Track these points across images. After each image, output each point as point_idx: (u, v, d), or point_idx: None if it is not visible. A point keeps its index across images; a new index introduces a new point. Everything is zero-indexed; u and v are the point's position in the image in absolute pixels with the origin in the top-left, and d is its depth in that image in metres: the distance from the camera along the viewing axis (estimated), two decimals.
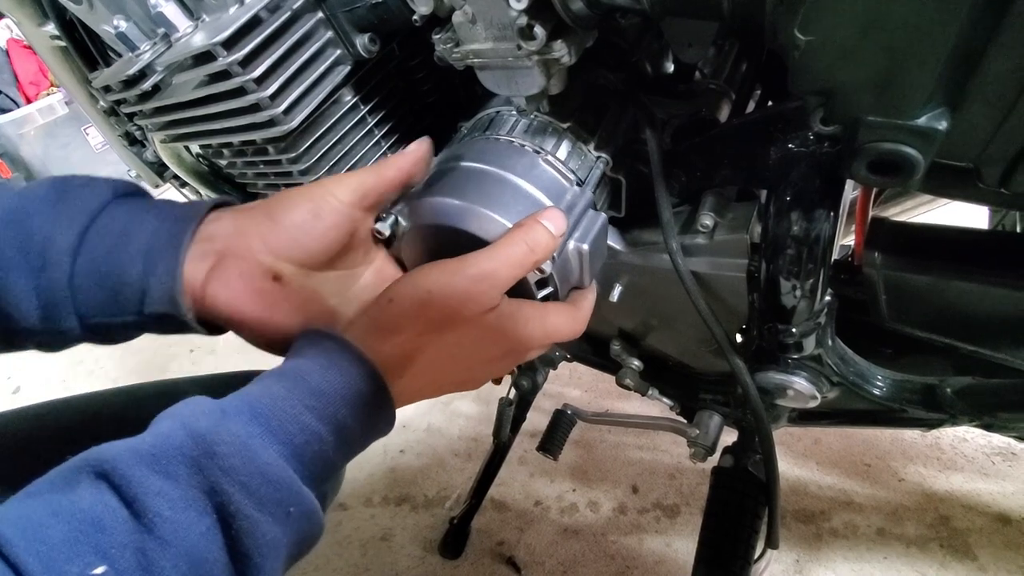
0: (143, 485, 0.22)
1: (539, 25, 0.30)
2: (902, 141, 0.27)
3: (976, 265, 0.36)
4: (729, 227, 0.40)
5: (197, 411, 0.25)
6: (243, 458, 0.24)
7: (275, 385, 0.27)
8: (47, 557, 0.20)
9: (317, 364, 0.28)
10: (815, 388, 0.42)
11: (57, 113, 1.78)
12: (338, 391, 0.28)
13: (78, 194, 0.32)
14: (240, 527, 0.23)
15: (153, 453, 0.23)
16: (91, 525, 0.21)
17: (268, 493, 0.24)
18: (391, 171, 0.36)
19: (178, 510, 0.22)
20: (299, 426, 0.26)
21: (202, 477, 0.23)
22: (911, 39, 0.24)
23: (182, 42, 0.36)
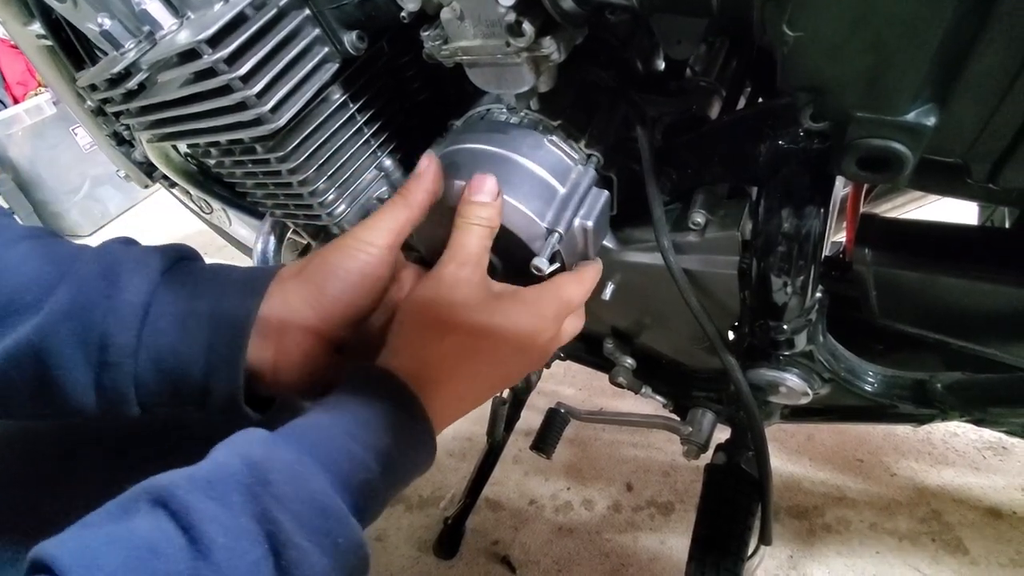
0: (199, 511, 0.23)
1: (528, 22, 0.30)
2: (891, 137, 0.27)
3: (966, 261, 0.36)
4: (720, 224, 0.40)
5: (252, 439, 0.26)
6: (295, 486, 0.24)
7: (321, 416, 0.28)
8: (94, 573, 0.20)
9: (357, 393, 0.29)
10: (807, 385, 0.42)
11: (45, 113, 1.76)
12: (378, 417, 0.28)
13: (129, 281, 0.32)
14: (290, 557, 0.23)
15: (209, 480, 0.24)
16: (148, 551, 0.22)
17: (318, 523, 0.24)
18: (419, 196, 0.37)
19: (232, 537, 0.23)
20: (346, 454, 0.27)
21: (255, 505, 0.24)
22: (899, 35, 0.24)
23: (167, 40, 0.36)
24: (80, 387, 0.31)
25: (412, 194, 0.37)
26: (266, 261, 0.59)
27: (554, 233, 0.36)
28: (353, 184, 0.46)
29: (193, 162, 0.74)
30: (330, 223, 0.48)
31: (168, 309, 0.32)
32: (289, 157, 0.41)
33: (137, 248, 0.35)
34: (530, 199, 0.37)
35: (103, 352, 0.31)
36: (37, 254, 0.33)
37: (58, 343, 0.31)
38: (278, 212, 0.51)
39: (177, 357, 0.32)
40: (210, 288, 0.34)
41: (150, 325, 0.32)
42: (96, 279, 0.32)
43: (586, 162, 0.40)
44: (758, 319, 0.41)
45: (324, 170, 0.44)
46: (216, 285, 0.34)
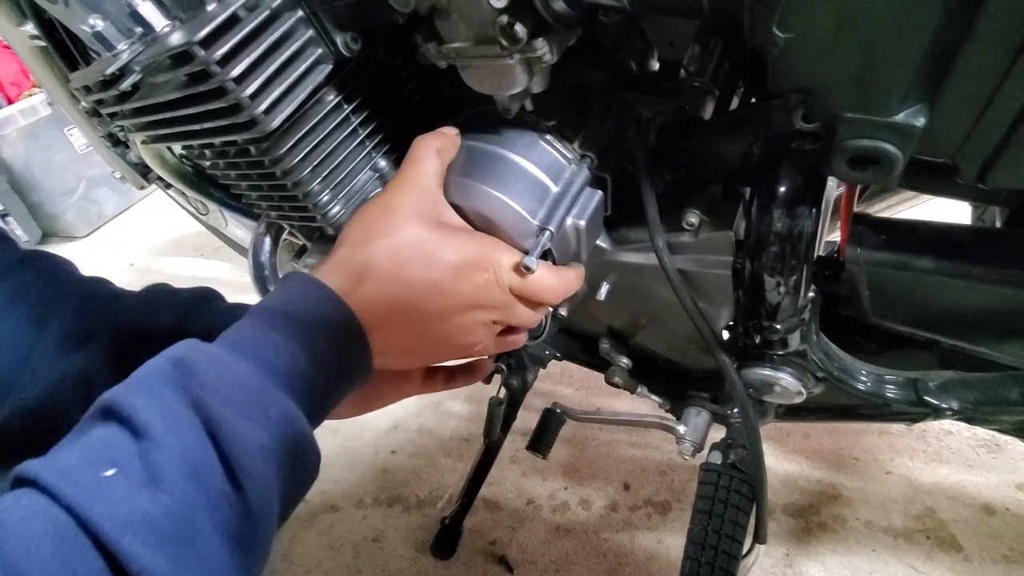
0: (135, 407, 0.25)
1: (520, 23, 0.30)
2: (881, 137, 0.28)
3: (957, 260, 0.36)
4: (714, 225, 0.40)
5: (179, 345, 0.28)
6: (218, 372, 0.27)
7: (243, 320, 0.31)
8: (62, 471, 0.23)
9: (276, 294, 0.32)
10: (800, 384, 0.42)
11: (39, 114, 1.75)
12: (298, 309, 0.31)
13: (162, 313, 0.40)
14: (224, 432, 0.25)
15: (140, 380, 0.26)
16: (101, 445, 0.24)
17: (245, 397, 0.26)
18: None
19: (169, 420, 0.25)
20: (267, 342, 0.29)
21: (185, 394, 0.26)
22: (887, 36, 0.24)
23: (160, 41, 0.35)
24: None
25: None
26: (261, 263, 0.59)
27: (545, 231, 0.37)
28: (348, 185, 0.46)
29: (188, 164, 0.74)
30: (325, 224, 0.47)
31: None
32: (283, 159, 0.41)
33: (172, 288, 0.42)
34: (522, 197, 0.37)
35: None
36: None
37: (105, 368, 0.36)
38: (273, 214, 0.51)
39: None
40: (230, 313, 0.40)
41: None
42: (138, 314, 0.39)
43: (580, 162, 0.40)
44: (752, 319, 0.41)
45: (319, 172, 0.43)
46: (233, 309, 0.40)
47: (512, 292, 0.36)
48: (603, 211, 0.42)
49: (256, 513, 0.25)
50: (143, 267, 1.71)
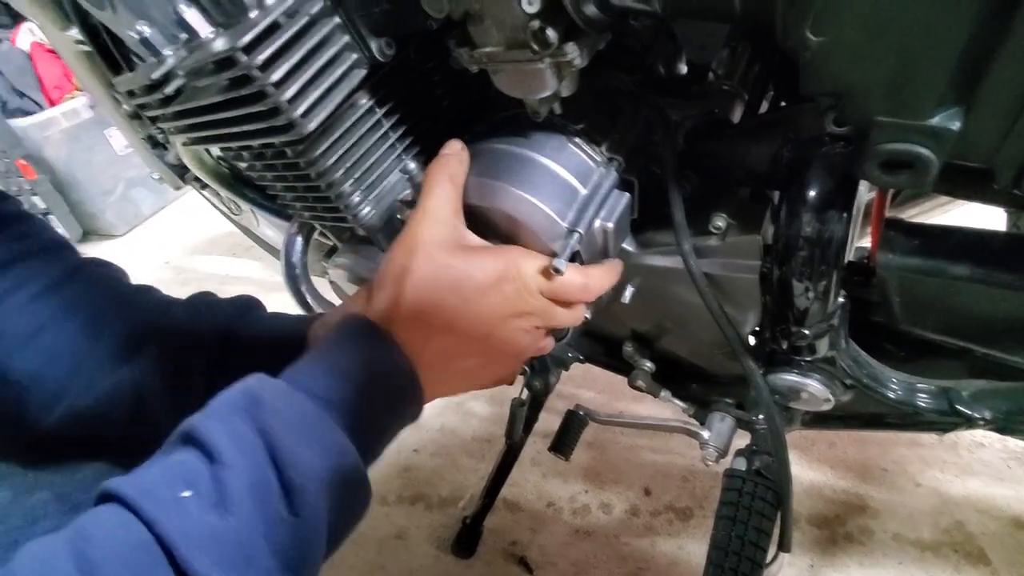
0: (209, 431, 0.27)
1: (551, 28, 0.30)
2: (915, 141, 0.27)
3: (991, 268, 0.36)
4: (742, 228, 0.40)
5: (249, 378, 0.31)
6: (284, 401, 0.29)
7: (303, 360, 0.33)
8: (144, 489, 0.25)
9: (337, 340, 0.34)
10: (828, 391, 0.42)
11: (81, 117, 1.83)
12: (352, 353, 0.33)
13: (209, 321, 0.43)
14: (284, 457, 0.27)
15: (214, 409, 0.29)
16: (179, 467, 0.27)
17: (304, 427, 0.29)
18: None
19: (237, 443, 0.27)
20: (325, 382, 0.31)
21: (252, 420, 0.28)
22: (922, 39, 0.24)
23: (204, 48, 0.37)
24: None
25: None
26: (293, 262, 0.61)
27: (574, 233, 0.37)
28: (378, 186, 0.47)
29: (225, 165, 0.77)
30: (355, 224, 0.49)
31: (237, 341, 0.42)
32: (318, 161, 0.42)
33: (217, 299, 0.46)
34: (552, 199, 0.38)
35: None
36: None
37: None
38: (306, 214, 0.52)
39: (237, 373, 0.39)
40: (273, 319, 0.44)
41: (220, 356, 0.41)
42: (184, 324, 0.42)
43: (608, 165, 0.41)
44: (779, 324, 0.41)
45: (351, 173, 0.45)
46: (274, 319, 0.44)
47: (544, 295, 0.37)
48: (630, 214, 0.43)
49: (307, 537, 0.27)
50: (178, 265, 1.76)
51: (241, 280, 1.60)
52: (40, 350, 0.39)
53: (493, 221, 0.40)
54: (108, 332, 0.40)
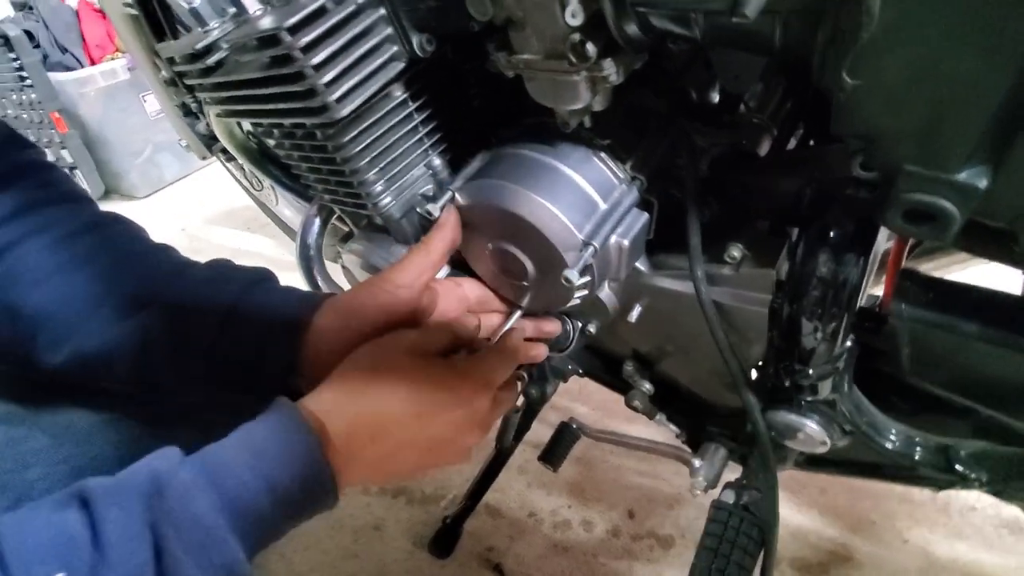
0: (103, 514, 0.27)
1: (591, 43, 0.31)
2: (940, 194, 0.27)
3: (1005, 329, 0.35)
4: (757, 261, 0.40)
5: (165, 455, 0.30)
6: (182, 503, 0.28)
7: (229, 440, 0.32)
8: (25, 556, 0.25)
9: (266, 426, 0.33)
10: (826, 433, 0.41)
11: (119, 78, 1.86)
12: (277, 453, 0.31)
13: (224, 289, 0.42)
14: (168, 564, 0.27)
15: (118, 486, 0.28)
16: (66, 540, 0.26)
17: (195, 538, 0.28)
18: (438, 244, 0.43)
19: (125, 539, 0.26)
20: (237, 481, 0.30)
21: (149, 514, 0.27)
22: (960, 93, 0.24)
23: (251, 23, 0.38)
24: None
25: (432, 243, 0.43)
26: (308, 243, 0.62)
27: (589, 246, 0.37)
28: (401, 179, 0.48)
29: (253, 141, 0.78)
30: (374, 213, 0.49)
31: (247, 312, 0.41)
32: (346, 146, 0.43)
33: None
34: (571, 210, 0.38)
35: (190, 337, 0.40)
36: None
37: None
38: (327, 197, 0.53)
39: (246, 346, 0.40)
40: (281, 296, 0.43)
41: (228, 323, 0.41)
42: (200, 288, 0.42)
43: (630, 183, 0.41)
44: (784, 361, 0.41)
45: (376, 162, 0.45)
46: (284, 294, 0.44)
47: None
48: (646, 234, 0.43)
49: None
50: (193, 233, 1.78)
51: (253, 255, 1.62)
52: (54, 290, 0.39)
53: (510, 225, 0.40)
54: (122, 283, 0.41)
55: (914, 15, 0.22)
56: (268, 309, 0.42)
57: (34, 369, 0.41)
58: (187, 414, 0.47)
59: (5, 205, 0.41)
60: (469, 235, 0.44)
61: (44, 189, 0.43)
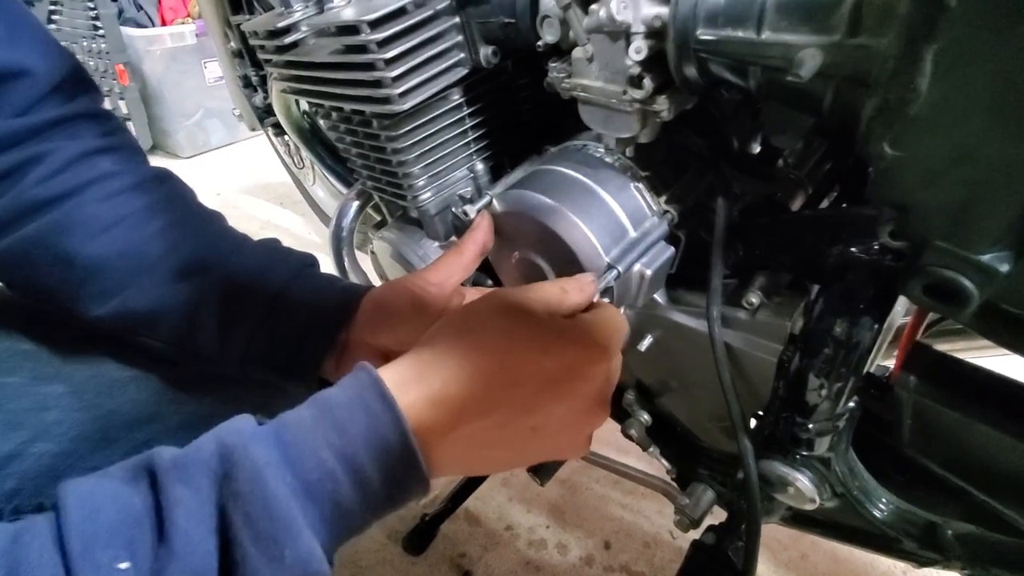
0: (170, 493, 0.24)
1: (649, 78, 0.32)
2: (962, 272, 0.28)
3: (1010, 415, 0.36)
4: (774, 311, 0.41)
5: (234, 428, 0.26)
6: (252, 486, 0.24)
7: (305, 411, 0.27)
8: (88, 536, 0.22)
9: (347, 399, 0.27)
10: (816, 491, 0.42)
11: (185, 41, 1.94)
12: (360, 432, 0.26)
13: (274, 274, 0.43)
14: (235, 557, 0.24)
15: (187, 461, 0.25)
16: (132, 521, 0.23)
17: (267, 528, 0.24)
18: (471, 247, 0.44)
19: (193, 523, 0.23)
20: (315, 461, 0.25)
21: (218, 495, 0.24)
22: (995, 178, 0.25)
23: (333, 12, 0.40)
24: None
25: (466, 245, 0.44)
26: (343, 224, 0.64)
27: (613, 269, 0.38)
28: (444, 177, 0.50)
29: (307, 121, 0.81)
30: (411, 205, 0.51)
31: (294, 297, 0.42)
32: (398, 139, 0.45)
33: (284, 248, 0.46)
34: (601, 233, 0.39)
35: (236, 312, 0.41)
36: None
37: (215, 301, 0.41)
38: (369, 183, 0.55)
39: (290, 329, 0.41)
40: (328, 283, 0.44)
41: (277, 304, 0.41)
42: (254, 264, 0.42)
43: (662, 216, 0.42)
44: (785, 412, 0.41)
45: (423, 158, 0.47)
46: (329, 283, 0.44)
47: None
48: (670, 267, 0.44)
49: None
50: (227, 199, 1.83)
51: (281, 230, 1.65)
52: (112, 242, 0.39)
53: (540, 237, 0.42)
54: (180, 246, 0.41)
55: (960, 98, 0.24)
56: (315, 295, 0.42)
57: (72, 316, 0.41)
58: (214, 383, 0.47)
59: (67, 150, 0.40)
60: (499, 242, 0.46)
61: (105, 138, 0.43)
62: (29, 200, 0.39)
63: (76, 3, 1.82)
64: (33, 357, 0.42)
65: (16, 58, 0.38)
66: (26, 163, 0.39)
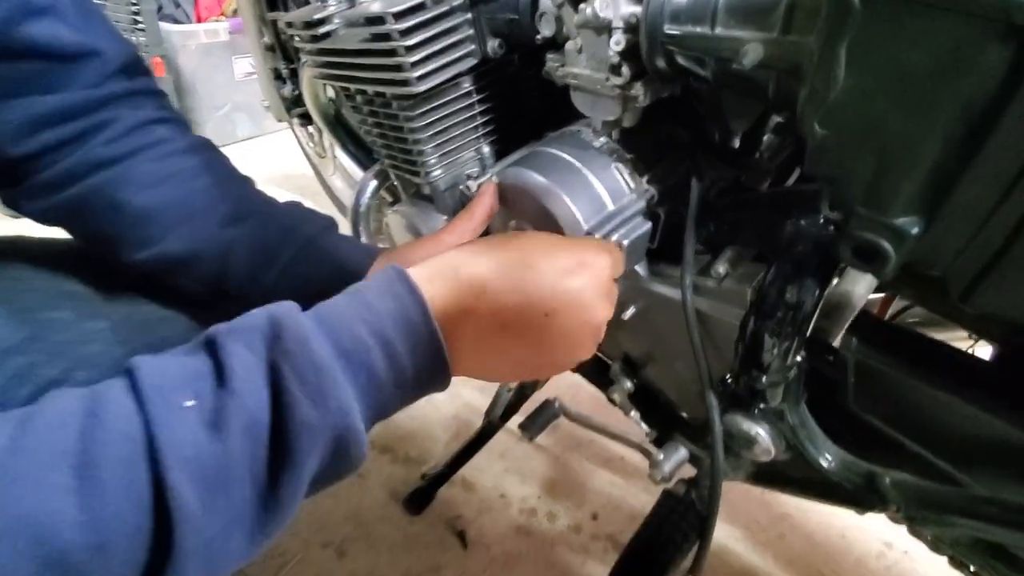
0: (228, 352, 0.28)
1: (627, 66, 0.38)
2: (880, 235, 0.33)
3: (939, 374, 0.41)
4: (737, 279, 0.46)
5: (281, 305, 0.31)
6: (300, 346, 0.28)
7: (341, 298, 0.32)
8: (156, 383, 0.26)
9: (377, 286, 0.32)
10: (771, 442, 0.47)
11: (219, 38, 2.04)
12: (388, 311, 0.31)
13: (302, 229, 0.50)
14: (285, 403, 0.27)
15: (241, 328, 0.29)
16: (193, 373, 0.27)
17: (313, 380, 0.28)
18: (480, 211, 0.49)
19: (248, 372, 0.27)
20: (350, 333, 0.29)
21: (269, 353, 0.28)
22: (899, 151, 0.30)
23: (363, 6, 0.47)
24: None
25: (475, 209, 0.49)
26: (361, 200, 0.70)
27: (591, 236, 0.44)
28: (453, 156, 0.56)
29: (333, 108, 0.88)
30: (424, 182, 0.58)
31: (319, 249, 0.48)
32: (414, 119, 0.51)
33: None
34: (582, 204, 0.45)
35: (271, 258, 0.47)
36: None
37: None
38: (387, 161, 0.62)
39: (314, 278, 0.46)
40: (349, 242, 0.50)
41: (302, 254, 0.47)
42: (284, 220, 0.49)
43: (641, 194, 0.48)
44: (744, 369, 0.46)
45: (436, 138, 0.54)
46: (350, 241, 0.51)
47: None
48: (647, 241, 0.49)
49: (285, 484, 0.27)
50: None
51: None
52: (159, 195, 0.45)
53: (531, 207, 0.47)
54: (218, 201, 0.47)
55: (866, 83, 0.29)
56: (339, 250, 0.48)
57: (117, 260, 0.47)
58: None
59: (128, 119, 0.46)
60: (498, 213, 0.52)
61: (160, 111, 0.49)
62: (94, 158, 0.44)
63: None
64: (79, 296, 0.48)
65: (90, 40, 0.44)
66: (95, 127, 0.45)
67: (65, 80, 0.42)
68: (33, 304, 0.43)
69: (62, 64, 0.41)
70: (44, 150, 0.42)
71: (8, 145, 0.40)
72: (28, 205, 0.44)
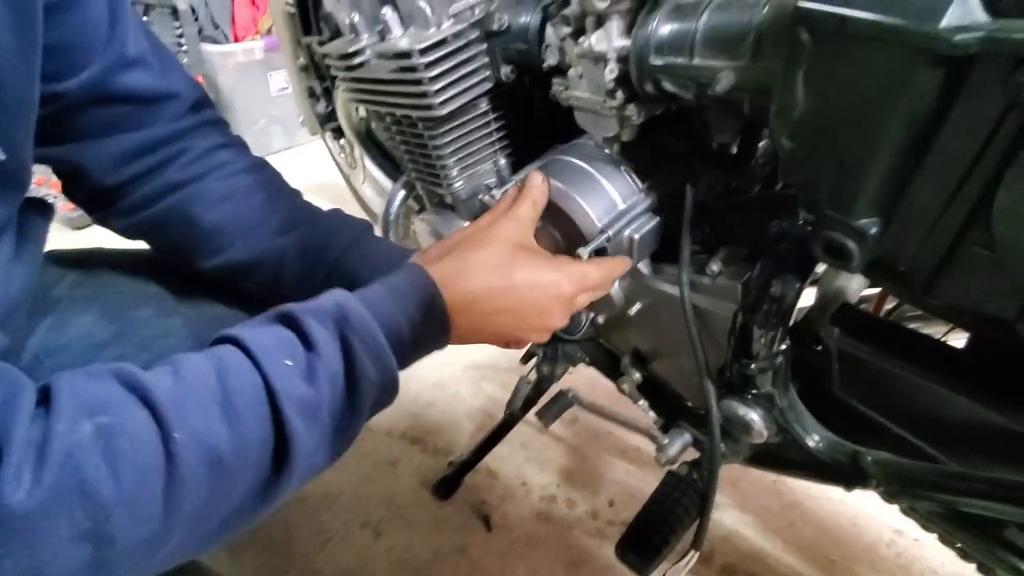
0: (309, 324, 0.36)
1: (621, 91, 0.44)
2: (845, 234, 0.38)
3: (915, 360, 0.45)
4: (730, 276, 0.51)
5: (342, 293, 0.40)
6: (362, 323, 0.38)
7: (379, 289, 0.42)
8: (261, 345, 0.35)
9: (403, 277, 0.43)
10: (764, 424, 0.51)
11: (255, 57, 2.16)
12: (412, 295, 0.42)
13: (343, 233, 0.57)
14: (354, 365, 0.36)
15: (313, 308, 0.38)
16: (285, 340, 0.36)
17: (372, 349, 0.38)
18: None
19: (326, 341, 0.36)
20: (389, 314, 0.40)
21: (338, 329, 0.37)
22: (854, 160, 0.35)
23: (392, 41, 0.53)
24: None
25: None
26: (391, 210, 0.77)
27: (604, 233, 0.49)
28: (473, 169, 0.62)
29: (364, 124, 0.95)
30: (446, 192, 0.64)
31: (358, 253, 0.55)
32: (438, 137, 0.58)
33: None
34: (595, 204, 0.50)
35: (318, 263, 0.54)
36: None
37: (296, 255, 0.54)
38: (414, 174, 0.68)
39: (352, 276, 0.53)
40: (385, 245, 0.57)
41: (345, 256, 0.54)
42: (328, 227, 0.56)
43: (647, 194, 0.53)
44: (737, 358, 0.51)
45: (457, 153, 0.60)
46: (387, 244, 0.57)
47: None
48: (657, 236, 0.54)
49: (355, 416, 0.37)
50: None
51: None
52: (226, 211, 0.52)
53: (549, 209, 0.53)
54: (273, 213, 0.54)
55: (821, 103, 0.34)
56: (376, 251, 0.55)
57: (191, 267, 0.55)
58: None
59: (198, 147, 0.54)
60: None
61: (223, 137, 0.58)
62: (171, 181, 0.53)
63: (165, 23, 2.06)
64: (158, 297, 0.56)
65: (169, 84, 0.52)
66: (172, 156, 0.53)
67: (150, 119, 0.50)
68: (120, 304, 0.52)
69: (148, 106, 0.49)
70: (133, 178, 0.50)
71: (106, 176, 0.49)
72: (118, 223, 0.53)
